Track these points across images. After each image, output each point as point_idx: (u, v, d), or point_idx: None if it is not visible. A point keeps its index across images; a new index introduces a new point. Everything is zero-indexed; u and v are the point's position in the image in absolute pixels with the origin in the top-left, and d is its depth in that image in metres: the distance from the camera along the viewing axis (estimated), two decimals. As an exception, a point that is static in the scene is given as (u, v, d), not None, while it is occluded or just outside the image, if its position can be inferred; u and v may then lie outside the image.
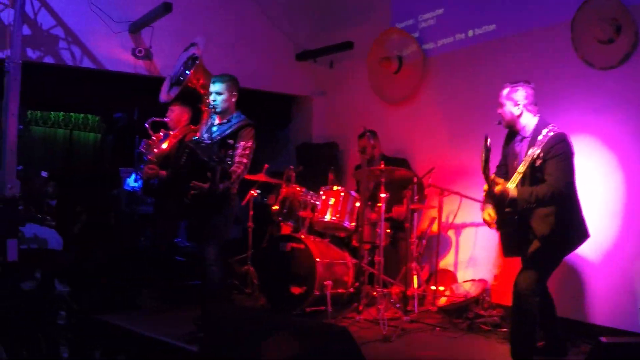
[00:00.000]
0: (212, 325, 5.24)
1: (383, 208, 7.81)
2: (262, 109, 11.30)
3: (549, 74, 7.81)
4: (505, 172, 6.11)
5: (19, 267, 6.81)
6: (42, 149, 14.59)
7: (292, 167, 9.16)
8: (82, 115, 15.42)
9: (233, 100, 6.89)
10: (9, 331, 6.32)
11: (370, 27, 10.67)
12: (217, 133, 6.85)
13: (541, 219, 5.70)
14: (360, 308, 7.51)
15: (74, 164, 15.57)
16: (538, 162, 5.63)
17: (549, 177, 5.62)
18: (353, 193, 8.22)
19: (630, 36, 7.10)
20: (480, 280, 8.26)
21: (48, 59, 9.26)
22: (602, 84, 7.40)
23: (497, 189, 5.54)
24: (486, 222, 6.06)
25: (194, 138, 7.00)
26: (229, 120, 6.86)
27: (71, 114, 15.25)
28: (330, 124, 11.80)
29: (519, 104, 5.93)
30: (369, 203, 8.46)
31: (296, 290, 7.85)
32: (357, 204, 8.11)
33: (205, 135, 6.95)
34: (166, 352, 6.36)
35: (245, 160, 6.72)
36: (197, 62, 7.31)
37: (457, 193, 8.34)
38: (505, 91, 6.06)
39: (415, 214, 8.59)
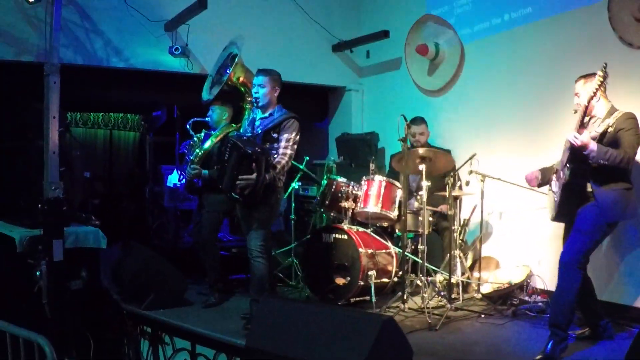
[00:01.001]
0: (259, 319, 5.26)
1: (425, 197, 7.79)
2: (300, 102, 11.33)
3: (587, 55, 7.74)
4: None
5: (66, 266, 6.86)
6: (84, 150, 14.73)
7: (332, 158, 9.18)
8: (121, 114, 15.54)
9: (275, 94, 6.96)
10: (58, 331, 6.38)
11: (406, 15, 10.65)
12: (260, 127, 6.92)
13: (604, 186, 5.89)
14: (405, 297, 7.48)
15: (116, 163, 15.71)
16: (609, 130, 5.83)
17: (621, 146, 5.83)
18: (395, 182, 8.20)
19: (669, 14, 7.04)
20: (524, 266, 8.22)
21: (86, 61, 9.35)
22: (641, 63, 7.35)
23: (574, 138, 5.68)
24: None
25: (235, 133, 7.05)
26: (271, 114, 6.94)
27: (110, 113, 15.36)
28: (368, 114, 11.81)
29: (596, 93, 5.96)
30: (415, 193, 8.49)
31: (340, 280, 7.87)
32: (399, 193, 8.10)
33: (248, 129, 7.04)
34: (215, 346, 6.39)
35: (289, 152, 6.79)
36: (237, 60, 7.35)
37: (499, 179, 8.30)
38: (580, 83, 6.23)
39: (458, 201, 8.55)
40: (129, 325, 7.28)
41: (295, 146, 6.89)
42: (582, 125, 5.77)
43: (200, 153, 7.93)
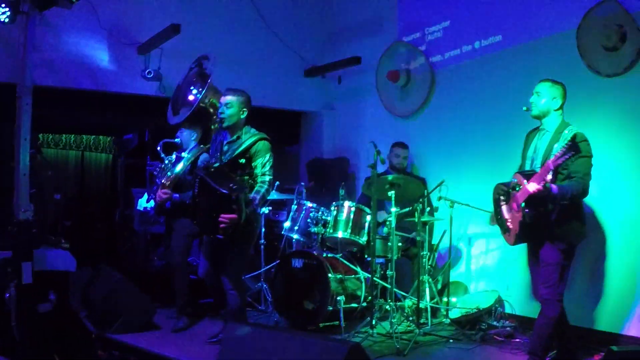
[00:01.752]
0: (227, 344, 5.27)
1: (393, 223, 7.83)
2: (271, 126, 11.34)
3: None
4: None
5: (35, 289, 6.84)
6: (55, 171, 14.67)
7: (302, 183, 9.21)
8: (93, 136, 15.50)
9: (242, 116, 6.71)
10: (27, 354, 6.36)
11: (378, 41, 10.74)
12: (229, 153, 6.69)
13: (565, 221, 5.90)
14: (374, 322, 7.50)
15: (87, 185, 15.65)
16: (565, 159, 5.72)
17: (576, 174, 5.82)
18: (364, 208, 8.24)
19: (636, 43, 7.12)
20: (492, 291, 8.28)
21: (58, 83, 9.35)
22: (608, 91, 7.43)
23: (535, 187, 5.62)
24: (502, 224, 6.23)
25: (202, 163, 6.93)
26: (239, 137, 6.69)
27: (82, 135, 15.32)
28: (340, 139, 11.86)
29: (558, 101, 6.10)
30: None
31: (309, 305, 7.88)
32: (368, 219, 8.13)
33: (217, 155, 6.80)
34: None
35: (267, 178, 6.57)
36: (209, 81, 7.30)
37: (467, 205, 8.36)
38: (548, 84, 6.22)
39: (427, 227, 8.60)
40: (97, 349, 7.25)
41: (272, 170, 6.66)
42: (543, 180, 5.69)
43: (171, 176, 7.88)
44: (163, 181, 7.87)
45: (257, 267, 9.23)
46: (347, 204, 8.24)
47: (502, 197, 6.21)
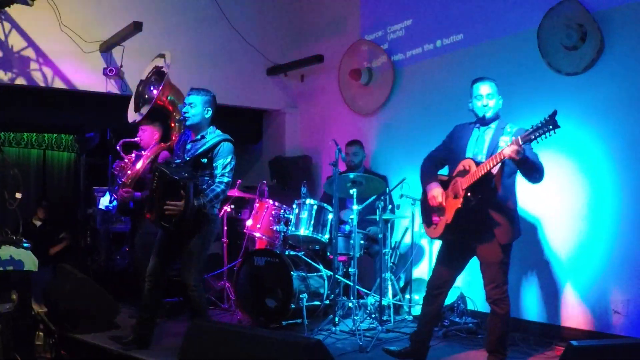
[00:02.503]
0: (190, 342, 5.27)
1: (355, 220, 7.86)
2: (234, 125, 11.33)
3: (516, 80, 7.93)
4: (446, 155, 6.38)
5: (-5, 289, 6.79)
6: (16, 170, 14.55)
7: (265, 181, 9.21)
8: (55, 135, 15.38)
9: (207, 116, 6.63)
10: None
11: (340, 40, 10.77)
12: (191, 151, 6.62)
13: (500, 211, 5.92)
14: (337, 320, 7.53)
15: (49, 184, 15.54)
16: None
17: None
18: (326, 206, 8.26)
19: (596, 42, 7.20)
20: (454, 288, 8.30)
21: (20, 81, 9.27)
22: (568, 89, 7.52)
23: (512, 148, 5.56)
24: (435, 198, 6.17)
25: (162, 161, 6.90)
26: (202, 137, 6.62)
27: (44, 134, 15.20)
28: (302, 138, 11.87)
29: (500, 96, 6.20)
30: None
31: (272, 303, 7.89)
32: (331, 217, 8.15)
33: (179, 153, 6.73)
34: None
35: (226, 179, 6.48)
36: (164, 79, 7.26)
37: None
38: (493, 83, 6.26)
39: (388, 225, 8.63)
40: (60, 349, 7.22)
41: (232, 172, 6.59)
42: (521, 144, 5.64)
43: (131, 175, 7.85)
44: (124, 180, 7.84)
45: (220, 265, 9.23)
46: (309, 201, 8.25)
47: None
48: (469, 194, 5.80)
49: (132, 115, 7.75)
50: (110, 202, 8.69)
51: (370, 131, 10.16)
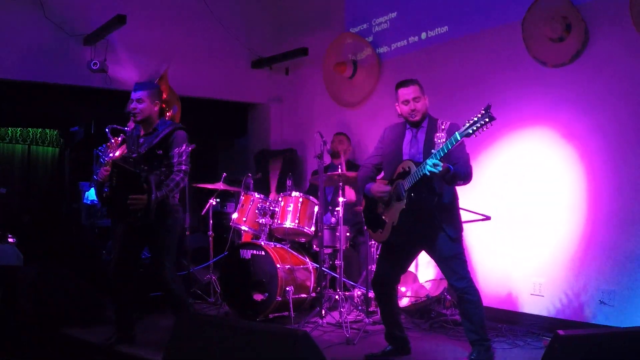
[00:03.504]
0: (177, 335, 5.26)
1: (341, 213, 7.87)
2: (219, 118, 11.35)
3: (502, 73, 7.97)
4: (381, 161, 6.35)
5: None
6: (1, 165, 14.50)
7: (250, 174, 9.20)
8: (40, 129, 15.33)
9: (155, 109, 6.59)
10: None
11: (325, 32, 10.76)
12: (145, 145, 6.55)
13: (445, 209, 5.95)
14: (323, 312, 7.53)
15: (33, 179, 15.49)
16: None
17: (458, 161, 5.84)
18: (312, 198, 8.26)
19: (581, 34, 7.22)
20: (441, 279, 8.33)
21: (2, 74, 9.24)
22: (554, 81, 7.54)
23: (442, 166, 5.56)
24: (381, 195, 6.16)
25: (119, 157, 6.83)
26: (154, 130, 6.57)
27: (29, 128, 15.15)
28: (287, 131, 11.87)
29: (426, 96, 6.20)
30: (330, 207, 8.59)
31: (258, 296, 7.88)
32: (316, 209, 8.16)
33: (133, 148, 6.64)
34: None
35: (183, 167, 6.42)
36: (163, 74, 7.24)
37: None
38: (417, 87, 6.20)
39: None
40: (47, 345, 7.20)
41: (188, 159, 6.52)
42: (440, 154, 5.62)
43: (114, 157, 7.82)
44: (106, 159, 7.82)
45: (206, 258, 9.22)
46: (294, 194, 8.25)
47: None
48: (412, 194, 5.80)
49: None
50: (91, 185, 8.62)
51: (355, 123, 10.17)
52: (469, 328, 6.01)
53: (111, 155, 7.80)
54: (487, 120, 5.41)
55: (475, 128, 5.43)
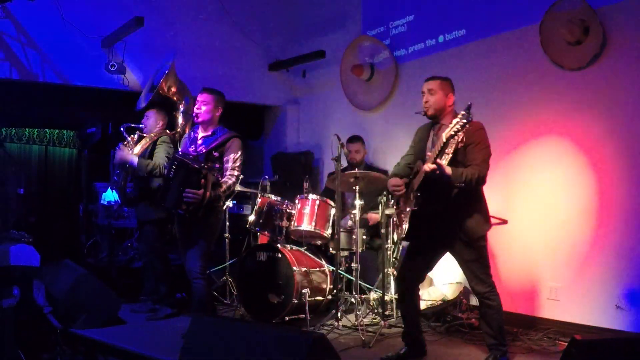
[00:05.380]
0: (193, 337, 5.26)
1: (358, 216, 7.87)
2: (235, 120, 11.34)
3: (519, 76, 7.96)
4: (414, 159, 6.29)
5: (-2, 284, 6.80)
6: (18, 166, 14.51)
7: (267, 176, 9.21)
8: (57, 130, 15.35)
9: (217, 114, 6.91)
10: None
11: (342, 35, 10.76)
12: (204, 145, 6.84)
13: (461, 210, 5.92)
14: (339, 315, 7.52)
15: (50, 179, 15.52)
16: (459, 146, 5.71)
17: (473, 162, 5.80)
18: (328, 201, 8.25)
19: (598, 37, 7.19)
20: (457, 282, 8.31)
21: (20, 76, 9.28)
22: (572, 84, 7.52)
23: (430, 166, 5.58)
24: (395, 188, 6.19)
25: (179, 152, 6.96)
26: (213, 133, 6.87)
27: (46, 129, 15.18)
28: (304, 133, 11.87)
29: (451, 96, 6.14)
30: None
31: (274, 299, 7.89)
32: (333, 212, 8.15)
33: (191, 149, 6.90)
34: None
35: (236, 172, 6.75)
36: (168, 69, 7.32)
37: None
38: (438, 81, 6.19)
39: (391, 220, 8.64)
40: (62, 344, 7.22)
41: (242, 166, 6.86)
42: (439, 156, 5.64)
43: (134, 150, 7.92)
44: None
45: (222, 260, 9.22)
46: (311, 196, 8.26)
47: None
48: (418, 194, 5.83)
49: (139, 104, 7.82)
50: (112, 187, 8.68)
51: (371, 127, 10.16)
52: (487, 332, 6.02)
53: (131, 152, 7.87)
54: (465, 122, 5.44)
55: (456, 130, 5.47)
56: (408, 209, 5.98)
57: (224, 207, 8.33)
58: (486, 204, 6.12)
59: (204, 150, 6.79)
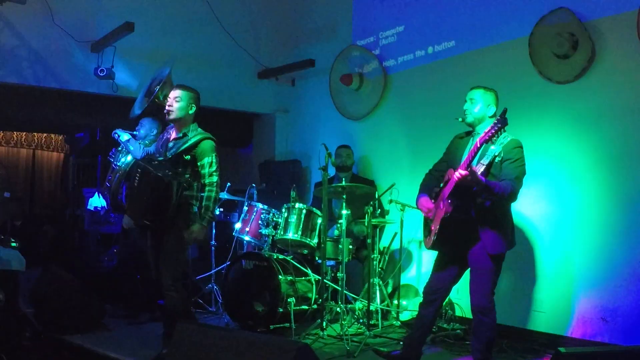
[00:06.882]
0: (177, 344, 5.25)
1: (344, 225, 7.88)
2: (224, 127, 11.35)
3: (507, 88, 7.93)
4: (446, 167, 6.27)
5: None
6: (5, 170, 14.50)
7: (254, 184, 9.20)
8: (45, 134, 15.35)
9: (190, 112, 6.58)
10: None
11: (332, 45, 10.77)
12: (173, 149, 6.56)
13: (487, 222, 5.88)
14: (324, 324, 7.52)
15: (38, 184, 15.50)
16: (496, 161, 5.77)
17: (507, 177, 5.78)
18: (315, 210, 8.25)
19: (587, 51, 7.22)
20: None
21: (10, 79, 9.26)
22: (559, 97, 7.54)
23: (462, 172, 5.61)
24: (424, 209, 6.23)
25: (146, 154, 6.85)
26: (185, 134, 6.57)
27: (34, 133, 15.16)
28: (292, 142, 11.87)
29: (492, 107, 6.09)
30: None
31: (260, 307, 7.88)
32: (319, 221, 8.15)
33: (161, 150, 6.66)
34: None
35: (215, 179, 6.46)
36: (165, 78, 7.25)
37: (418, 208, 8.43)
38: (481, 90, 6.20)
39: (377, 230, 8.65)
40: (46, 350, 7.20)
41: (219, 170, 6.54)
42: (470, 164, 5.66)
43: (127, 160, 7.87)
44: (118, 164, 7.83)
45: (208, 268, 9.20)
46: (298, 205, 8.25)
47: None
48: (449, 201, 5.81)
49: (133, 112, 7.73)
50: (104, 193, 8.64)
51: (359, 136, 10.17)
52: (475, 347, 6.01)
53: (122, 160, 7.83)
54: (499, 126, 5.52)
55: (490, 134, 5.55)
56: (438, 218, 5.99)
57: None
58: (512, 225, 6.11)
59: (173, 154, 6.52)
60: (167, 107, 6.55)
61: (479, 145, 5.65)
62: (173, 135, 6.69)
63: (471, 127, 6.19)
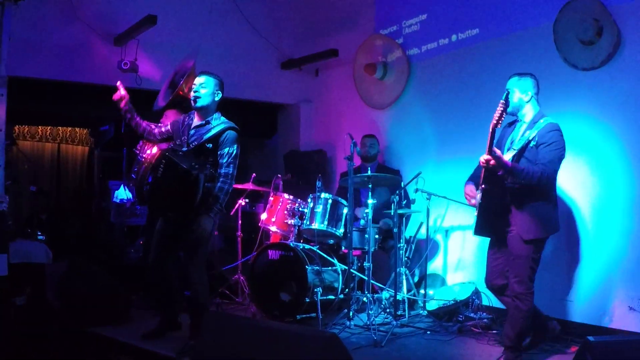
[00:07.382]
0: (205, 335, 5.25)
1: (370, 215, 7.85)
2: (248, 118, 11.35)
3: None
4: None
5: (11, 282, 6.80)
6: (31, 163, 14.55)
7: (279, 175, 9.20)
8: (69, 128, 15.38)
9: (216, 99, 6.61)
10: (2, 346, 6.32)
11: (355, 34, 10.74)
12: (195, 137, 6.56)
13: (522, 206, 5.89)
14: (351, 314, 7.50)
15: (63, 177, 15.55)
16: (530, 144, 5.79)
17: (540, 161, 5.79)
18: (341, 200, 8.24)
19: (612, 37, 7.14)
20: (469, 283, 8.30)
21: (34, 74, 9.29)
22: (585, 84, 7.46)
23: (485, 157, 5.64)
24: (468, 197, 6.25)
25: (170, 146, 6.81)
26: (207, 122, 6.57)
27: (59, 127, 15.20)
28: (316, 132, 11.86)
29: (528, 92, 6.08)
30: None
31: (286, 297, 7.88)
32: (345, 211, 8.13)
33: (183, 138, 6.62)
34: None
35: (231, 171, 6.43)
36: (190, 70, 7.22)
37: (444, 197, 8.39)
38: (515, 78, 6.19)
39: (404, 219, 8.62)
40: (73, 342, 7.22)
41: (237, 161, 6.53)
42: (490, 148, 5.64)
43: (151, 154, 7.82)
44: (144, 156, 7.80)
45: (234, 259, 9.21)
46: (324, 195, 8.24)
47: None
48: (482, 186, 5.82)
49: (156, 104, 7.71)
50: (130, 185, 8.61)
51: (384, 125, 10.15)
52: (507, 333, 6.01)
53: (149, 152, 7.79)
54: (502, 109, 5.56)
55: (497, 118, 5.58)
56: (475, 203, 6.05)
57: (235, 207, 8.33)
58: (554, 210, 6.08)
59: (196, 143, 6.52)
60: (193, 94, 6.55)
61: (490, 131, 5.61)
62: (195, 121, 6.67)
63: (513, 115, 6.18)
